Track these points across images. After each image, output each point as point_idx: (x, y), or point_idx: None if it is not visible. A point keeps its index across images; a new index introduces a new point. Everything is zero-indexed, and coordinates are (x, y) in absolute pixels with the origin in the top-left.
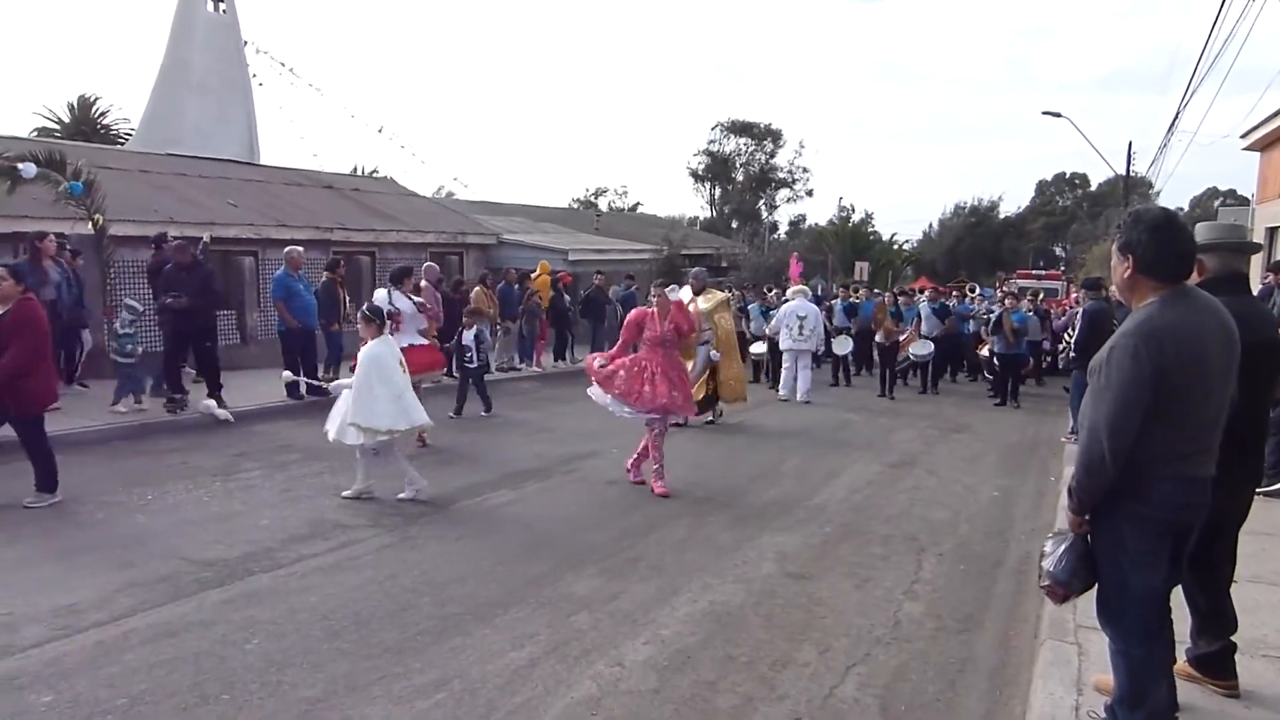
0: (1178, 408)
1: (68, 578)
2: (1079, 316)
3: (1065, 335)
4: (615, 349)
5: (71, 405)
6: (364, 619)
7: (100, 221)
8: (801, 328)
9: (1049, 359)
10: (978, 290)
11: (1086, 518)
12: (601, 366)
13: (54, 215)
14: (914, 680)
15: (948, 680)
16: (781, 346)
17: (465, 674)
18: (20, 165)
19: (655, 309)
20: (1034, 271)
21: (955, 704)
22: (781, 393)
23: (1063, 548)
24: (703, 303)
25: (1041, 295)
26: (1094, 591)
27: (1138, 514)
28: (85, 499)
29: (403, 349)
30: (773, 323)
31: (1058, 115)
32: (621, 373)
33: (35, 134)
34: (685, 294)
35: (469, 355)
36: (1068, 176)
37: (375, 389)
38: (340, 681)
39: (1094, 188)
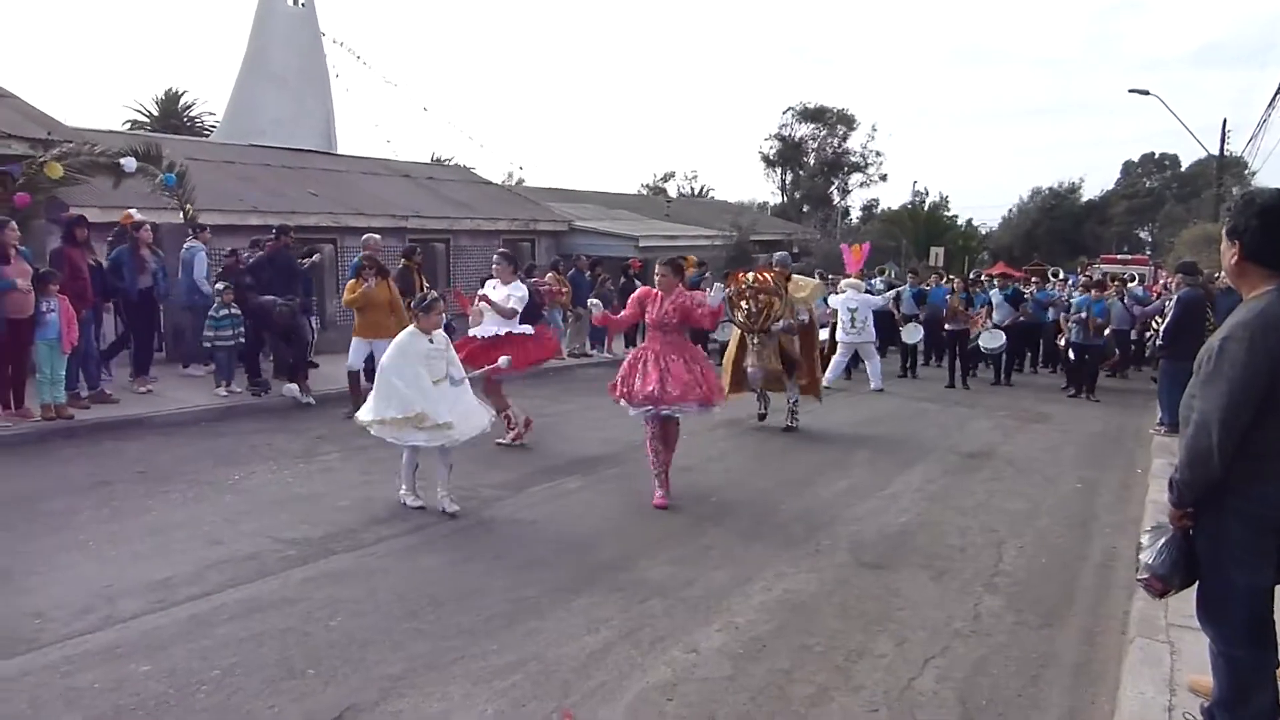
0: None
1: (162, 553)
2: (1173, 303)
3: (1154, 322)
4: (620, 316)
5: (161, 387)
6: (441, 600)
7: (190, 211)
8: (853, 320)
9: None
10: (1060, 275)
11: (1188, 511)
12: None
13: (151, 205)
14: (994, 675)
15: (1029, 676)
16: (837, 337)
17: (541, 656)
18: (122, 160)
19: (659, 288)
20: (1119, 256)
21: (1038, 700)
22: (826, 381)
23: (1162, 541)
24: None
25: (1136, 280)
26: (1192, 590)
27: (1245, 511)
28: (176, 478)
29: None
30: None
31: (1145, 93)
32: (624, 367)
33: (127, 126)
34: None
35: None
36: (1156, 157)
37: None
38: (420, 660)
39: (1184, 168)
